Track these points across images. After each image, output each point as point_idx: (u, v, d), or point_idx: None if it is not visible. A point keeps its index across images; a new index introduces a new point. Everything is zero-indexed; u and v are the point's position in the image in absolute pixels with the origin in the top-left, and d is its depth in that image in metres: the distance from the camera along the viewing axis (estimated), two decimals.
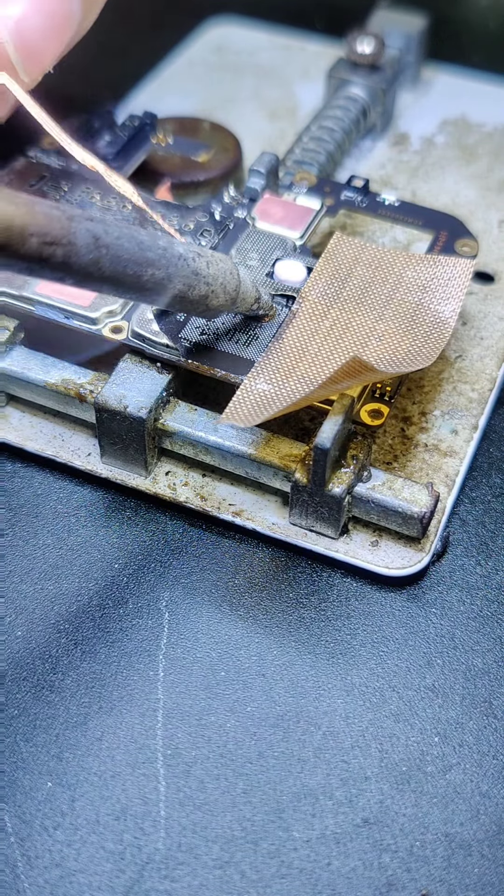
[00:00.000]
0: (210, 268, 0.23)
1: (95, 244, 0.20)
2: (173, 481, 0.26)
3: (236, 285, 0.24)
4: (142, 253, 0.21)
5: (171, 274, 0.22)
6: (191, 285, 0.22)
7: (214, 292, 0.23)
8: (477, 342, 0.28)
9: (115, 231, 0.20)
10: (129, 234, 0.21)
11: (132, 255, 0.21)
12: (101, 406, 0.24)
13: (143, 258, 0.21)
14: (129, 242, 0.21)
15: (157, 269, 0.21)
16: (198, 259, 0.22)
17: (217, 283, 0.23)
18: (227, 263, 0.23)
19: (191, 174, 0.30)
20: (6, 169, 0.28)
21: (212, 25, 0.38)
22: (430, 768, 0.22)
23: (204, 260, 0.23)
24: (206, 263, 0.23)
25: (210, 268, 0.23)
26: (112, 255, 0.20)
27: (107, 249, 0.20)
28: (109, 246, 0.20)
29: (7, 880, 0.20)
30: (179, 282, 0.22)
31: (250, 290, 0.24)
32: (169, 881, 0.20)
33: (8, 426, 0.27)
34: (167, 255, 0.22)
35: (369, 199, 0.29)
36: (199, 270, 0.22)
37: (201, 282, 0.22)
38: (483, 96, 0.36)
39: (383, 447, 0.26)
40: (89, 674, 0.23)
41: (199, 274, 0.22)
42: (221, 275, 0.23)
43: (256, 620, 0.24)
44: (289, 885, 0.20)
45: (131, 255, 0.21)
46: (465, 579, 0.25)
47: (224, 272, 0.23)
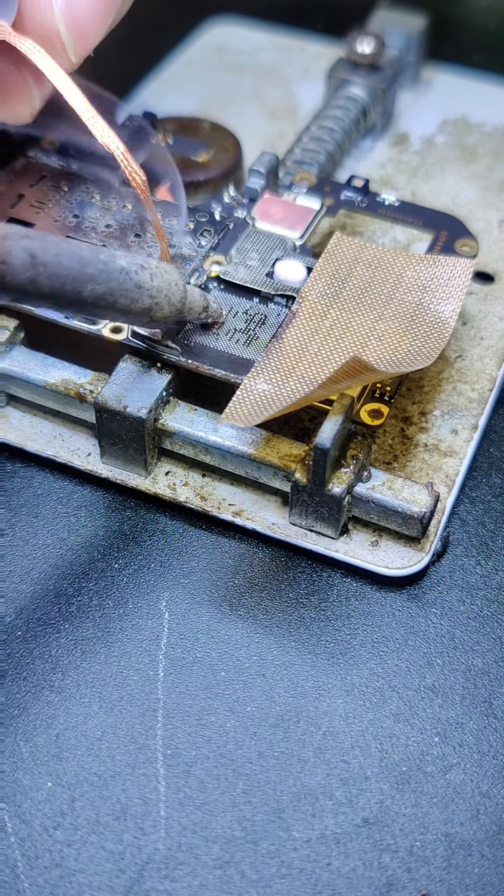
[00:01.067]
0: (154, 280, 0.23)
1: (32, 262, 0.20)
2: (173, 481, 0.26)
3: (181, 296, 0.23)
4: (81, 269, 0.21)
5: (112, 288, 0.22)
6: (133, 298, 0.22)
7: (158, 304, 0.23)
8: (477, 342, 0.28)
9: (53, 248, 0.20)
10: (68, 251, 0.21)
11: (71, 271, 0.21)
12: (101, 406, 0.24)
13: (82, 274, 0.21)
14: (69, 259, 0.20)
15: (98, 285, 0.21)
16: (141, 272, 0.22)
17: (161, 296, 0.23)
18: (172, 275, 0.23)
19: (191, 174, 0.30)
20: (6, 169, 0.28)
21: (212, 25, 0.38)
22: (430, 768, 0.22)
23: (147, 272, 0.22)
24: (149, 276, 0.22)
25: (154, 280, 0.23)
26: (50, 273, 0.20)
27: (44, 267, 0.20)
28: (47, 264, 0.20)
29: (7, 880, 0.20)
30: (121, 295, 0.22)
31: (198, 299, 0.24)
32: (169, 881, 0.20)
33: (8, 426, 0.27)
34: (108, 269, 0.21)
35: (369, 199, 0.29)
36: (141, 283, 0.22)
37: (144, 294, 0.22)
38: (483, 96, 0.36)
39: (383, 447, 0.26)
40: (89, 674, 0.23)
41: (142, 287, 0.22)
42: (166, 287, 0.23)
43: (256, 620, 0.24)
44: (289, 885, 0.20)
45: (69, 271, 0.20)
46: (465, 579, 0.25)
47: (169, 284, 0.23)
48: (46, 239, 0.20)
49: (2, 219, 0.27)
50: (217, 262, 0.27)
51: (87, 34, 0.24)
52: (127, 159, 0.24)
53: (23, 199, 0.28)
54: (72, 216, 0.27)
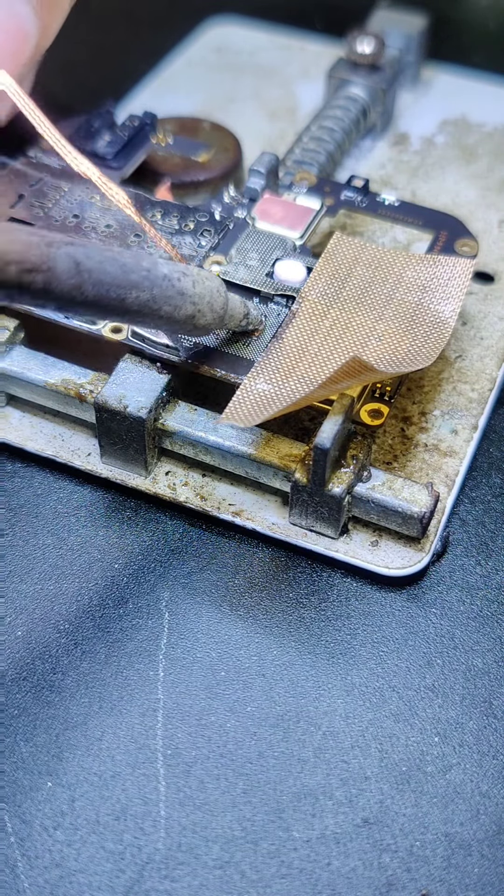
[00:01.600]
0: (196, 287, 0.22)
1: (77, 269, 0.20)
2: (173, 481, 0.26)
3: (223, 303, 0.23)
4: (125, 276, 0.21)
5: (155, 295, 0.21)
6: (177, 305, 0.22)
7: (201, 311, 0.23)
8: (477, 342, 0.28)
9: (96, 255, 0.20)
10: (111, 258, 0.21)
11: (115, 278, 0.21)
12: (101, 406, 0.24)
13: (126, 281, 0.21)
14: (112, 266, 0.20)
15: (142, 291, 0.21)
16: (183, 279, 0.22)
17: (203, 302, 0.23)
18: (213, 282, 0.23)
19: (191, 174, 0.30)
20: (6, 169, 0.28)
21: (212, 25, 0.38)
22: (430, 768, 0.22)
23: (189, 279, 0.22)
24: (191, 283, 0.22)
25: (196, 287, 0.22)
26: (94, 280, 0.20)
27: (89, 274, 0.20)
28: (91, 270, 0.20)
29: (7, 880, 0.20)
30: (165, 302, 0.22)
31: (238, 306, 0.24)
32: (169, 881, 0.20)
33: (8, 426, 0.27)
34: (151, 277, 0.21)
35: (369, 199, 0.29)
36: (184, 290, 0.22)
37: (187, 301, 0.22)
38: (483, 96, 0.36)
39: (383, 447, 0.26)
40: (89, 674, 0.23)
41: (185, 294, 0.22)
42: (208, 293, 0.23)
43: (256, 620, 0.24)
44: (289, 885, 0.20)
45: (114, 278, 0.20)
46: (465, 579, 0.25)
47: (210, 290, 0.23)
48: (90, 246, 0.20)
49: (2, 219, 0.27)
50: (217, 262, 0.27)
51: None
52: (105, 183, 0.24)
53: (23, 199, 0.28)
54: (72, 216, 0.27)
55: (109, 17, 0.39)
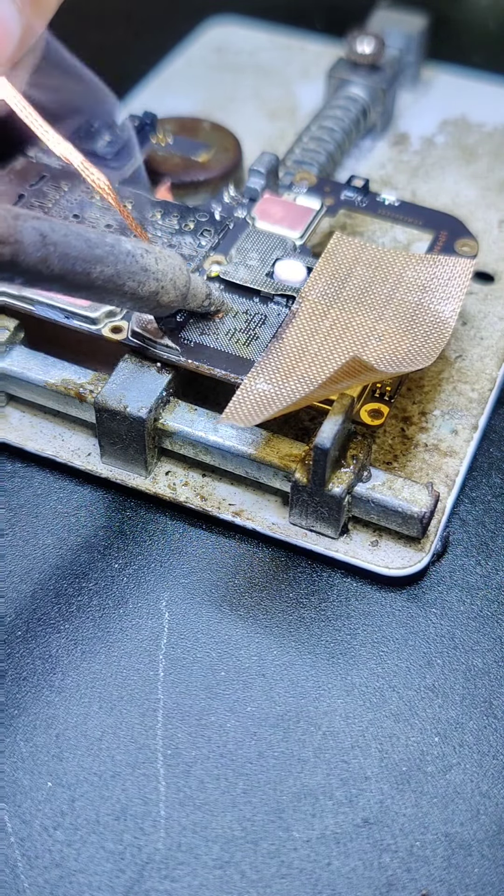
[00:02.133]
0: (159, 263, 0.23)
1: (43, 242, 0.20)
2: (173, 481, 0.26)
3: (185, 280, 0.24)
4: (90, 250, 0.21)
5: (119, 271, 0.22)
6: (140, 281, 0.22)
7: (164, 288, 0.23)
8: (477, 342, 0.28)
9: (61, 229, 0.20)
10: (76, 232, 0.21)
11: (80, 252, 0.21)
12: (101, 406, 0.24)
13: (91, 255, 0.21)
14: (77, 240, 0.21)
15: (106, 266, 0.21)
16: (146, 255, 0.23)
17: (167, 279, 0.23)
18: (175, 259, 0.23)
19: (191, 174, 0.30)
20: (6, 169, 0.28)
21: (212, 25, 0.38)
22: (430, 768, 0.22)
23: (152, 256, 0.23)
24: (154, 259, 0.23)
25: (159, 263, 0.23)
26: (60, 253, 0.20)
27: (54, 247, 0.20)
28: (57, 244, 0.20)
29: (7, 880, 0.20)
30: (129, 278, 0.22)
31: (201, 286, 0.25)
32: (169, 881, 0.20)
33: (8, 426, 0.27)
34: (115, 252, 0.22)
35: (369, 199, 0.29)
36: (147, 266, 0.22)
37: (150, 278, 0.23)
38: (483, 96, 0.36)
39: (383, 447, 0.26)
40: (89, 674, 0.23)
41: (148, 270, 0.22)
42: (171, 270, 0.23)
43: (256, 620, 0.24)
44: (289, 885, 0.20)
45: (79, 252, 0.21)
46: (465, 579, 0.25)
47: (173, 268, 0.23)
48: (54, 221, 0.21)
49: None
50: (217, 261, 0.27)
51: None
52: (87, 168, 0.24)
53: (23, 199, 0.28)
54: (72, 216, 0.27)
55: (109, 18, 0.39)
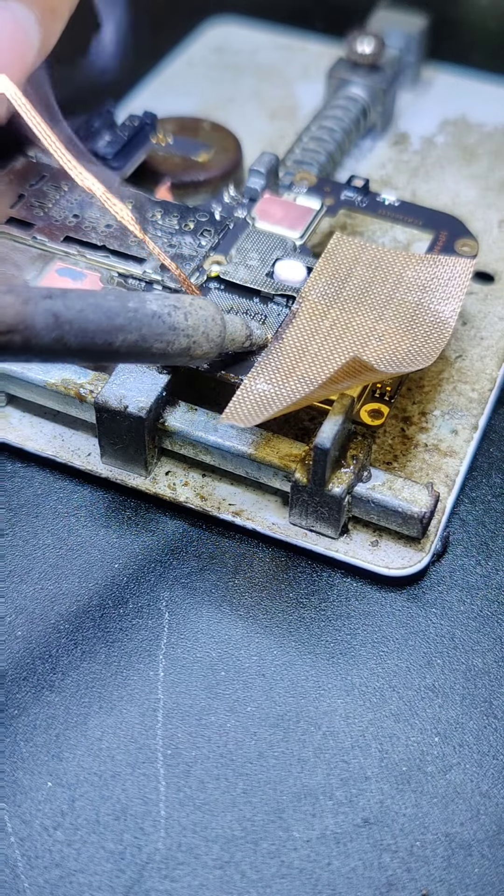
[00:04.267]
0: (189, 319, 0.22)
1: (56, 323, 0.19)
2: (173, 481, 0.26)
3: (220, 331, 0.23)
4: (109, 321, 0.20)
5: (145, 335, 0.21)
6: (169, 341, 0.21)
7: (196, 342, 0.22)
8: (477, 342, 0.28)
9: (77, 304, 0.20)
10: (93, 304, 0.20)
11: (99, 324, 0.20)
12: (101, 406, 0.24)
13: (111, 326, 0.20)
14: (95, 313, 0.20)
15: (129, 333, 0.21)
16: (174, 313, 0.22)
17: (198, 334, 0.22)
18: (208, 310, 0.22)
19: (191, 174, 0.30)
20: (6, 169, 0.28)
21: (212, 25, 0.38)
22: (430, 768, 0.22)
23: (181, 312, 0.22)
24: (183, 315, 0.22)
25: (189, 319, 0.22)
26: (77, 330, 0.19)
27: (70, 325, 0.19)
28: (72, 321, 0.19)
29: (7, 880, 0.20)
30: (156, 340, 0.21)
31: (239, 329, 0.24)
32: (169, 881, 0.20)
33: (8, 426, 0.27)
34: (139, 317, 0.21)
35: (369, 199, 0.29)
36: (175, 325, 0.22)
37: (180, 335, 0.22)
38: (483, 96, 0.36)
39: (383, 447, 0.26)
40: (89, 674, 0.23)
41: (177, 328, 0.22)
42: (202, 324, 0.22)
43: (256, 620, 0.24)
44: (289, 885, 0.20)
45: (98, 325, 0.20)
46: (465, 579, 0.25)
47: (205, 320, 0.22)
48: (69, 295, 0.20)
49: (2, 219, 0.27)
50: (217, 261, 0.27)
51: None
52: (109, 198, 0.24)
53: (23, 199, 0.28)
54: (72, 216, 0.27)
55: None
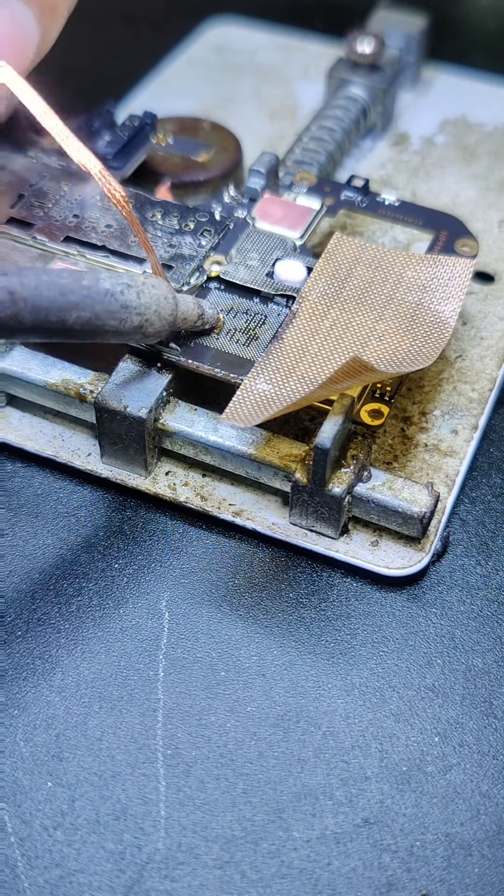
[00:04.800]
0: (141, 297, 0.22)
1: (12, 299, 0.20)
2: (173, 481, 0.26)
3: (172, 309, 0.23)
4: (63, 298, 0.21)
5: (98, 312, 0.22)
6: (122, 319, 0.22)
7: (148, 320, 0.23)
8: (477, 342, 0.28)
9: (31, 280, 0.20)
10: (48, 281, 0.20)
11: (53, 301, 0.21)
12: (101, 406, 0.24)
13: (65, 303, 0.21)
14: (49, 290, 0.20)
15: (83, 311, 0.21)
16: (127, 291, 0.22)
17: (150, 312, 0.23)
18: (160, 289, 0.23)
19: (191, 174, 0.30)
20: (6, 169, 0.28)
21: (212, 25, 0.38)
22: (430, 768, 0.22)
23: (134, 290, 0.22)
24: (136, 294, 0.22)
25: (141, 297, 0.22)
26: (31, 307, 0.20)
27: (24, 302, 0.20)
28: (27, 298, 0.20)
29: (7, 880, 0.20)
30: (109, 318, 0.22)
31: (191, 308, 0.24)
32: (169, 881, 0.20)
33: (8, 426, 0.27)
34: (92, 294, 0.21)
35: (369, 199, 0.29)
36: (128, 303, 0.22)
37: (132, 313, 0.22)
38: (483, 96, 0.36)
39: (383, 447, 0.26)
40: (89, 674, 0.23)
41: (129, 306, 0.22)
42: (154, 302, 0.23)
43: (256, 620, 0.24)
44: (289, 885, 0.20)
45: (52, 301, 0.21)
46: (465, 579, 0.25)
47: (157, 299, 0.23)
48: (24, 273, 0.20)
49: (2, 219, 0.27)
50: (217, 262, 0.27)
51: None
52: (104, 177, 0.24)
53: (23, 199, 0.28)
54: (72, 216, 0.27)
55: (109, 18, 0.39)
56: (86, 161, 0.24)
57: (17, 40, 0.25)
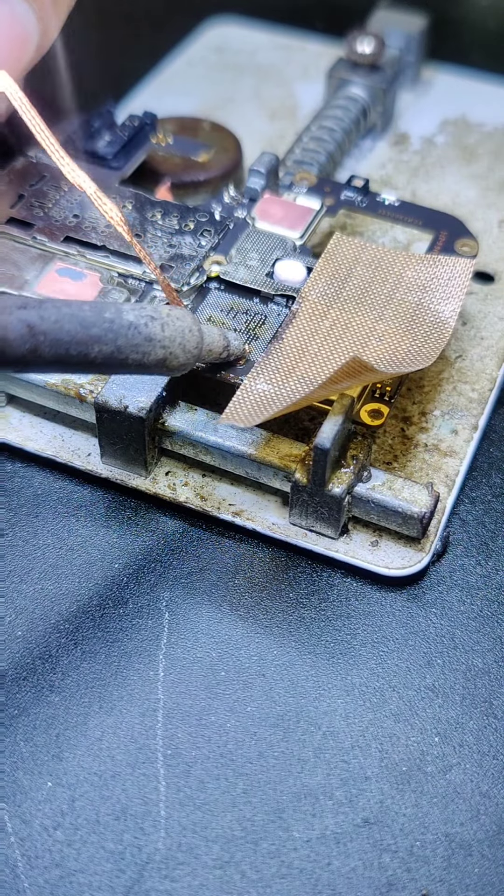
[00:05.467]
0: (165, 330, 0.22)
1: (31, 333, 0.19)
2: (173, 481, 0.26)
3: (197, 342, 0.23)
4: (85, 331, 0.20)
5: (120, 346, 0.21)
6: (145, 352, 0.21)
7: (173, 354, 0.22)
8: (477, 342, 0.28)
9: (52, 314, 0.19)
10: (69, 314, 0.20)
11: (74, 335, 0.20)
12: (101, 406, 0.25)
13: (86, 336, 0.20)
14: (70, 323, 0.20)
15: (105, 345, 0.20)
16: (151, 323, 0.21)
17: (175, 345, 0.22)
18: (185, 321, 0.22)
19: (191, 174, 0.30)
20: (6, 169, 0.28)
21: (212, 25, 0.38)
22: (430, 768, 0.22)
23: (158, 323, 0.22)
24: (160, 326, 0.22)
25: (165, 330, 0.22)
26: (51, 340, 0.19)
27: (44, 336, 0.19)
28: (47, 332, 0.19)
29: (7, 880, 0.20)
30: (132, 351, 0.21)
31: (217, 340, 0.24)
32: (169, 881, 0.20)
33: (8, 426, 0.27)
34: (114, 328, 0.21)
35: (369, 199, 0.29)
36: (152, 336, 0.21)
37: (156, 347, 0.22)
38: (483, 96, 0.36)
39: (383, 447, 0.26)
40: (89, 674, 0.23)
41: (153, 339, 0.21)
42: (179, 335, 0.22)
43: (256, 620, 0.24)
44: (289, 885, 0.20)
45: (73, 335, 0.20)
46: (465, 579, 0.25)
47: (182, 331, 0.22)
48: (45, 305, 0.20)
49: (2, 219, 0.27)
50: (217, 262, 0.27)
51: None
52: (100, 199, 0.23)
53: (23, 199, 0.28)
54: (72, 216, 0.27)
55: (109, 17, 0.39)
56: (81, 182, 0.23)
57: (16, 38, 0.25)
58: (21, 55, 0.25)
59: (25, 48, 0.25)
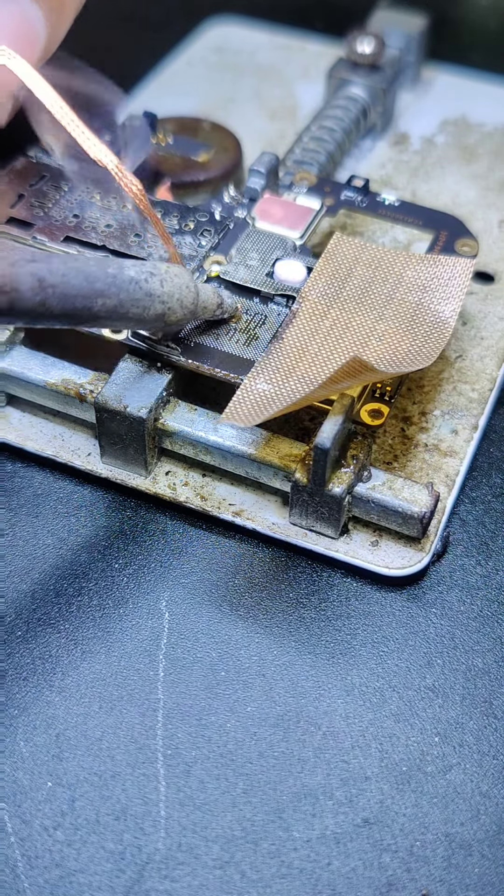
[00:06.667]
0: (164, 286, 0.23)
1: (41, 286, 0.20)
2: (173, 481, 0.26)
3: (194, 298, 0.24)
4: (90, 285, 0.21)
5: (122, 300, 0.22)
6: (145, 307, 0.22)
7: (171, 309, 0.23)
8: (477, 342, 0.28)
9: (60, 268, 0.20)
10: (75, 269, 0.21)
11: (80, 289, 0.21)
12: (101, 406, 0.24)
13: (91, 290, 0.21)
14: (76, 277, 0.21)
15: (108, 298, 0.21)
16: (151, 279, 0.22)
17: (173, 300, 0.23)
18: (182, 278, 0.23)
19: (191, 174, 0.30)
20: (6, 169, 0.28)
21: (212, 25, 0.38)
22: (430, 768, 0.22)
23: (157, 279, 0.23)
24: (159, 282, 0.23)
25: (164, 286, 0.23)
26: (59, 294, 0.20)
27: (53, 289, 0.20)
28: (56, 285, 0.20)
29: (7, 880, 0.20)
30: (133, 305, 0.22)
31: (211, 297, 0.25)
32: (169, 881, 0.20)
33: (8, 426, 0.27)
34: (117, 282, 0.22)
35: (369, 199, 0.29)
36: (152, 291, 0.22)
37: (156, 301, 0.23)
38: (483, 96, 0.36)
39: (383, 447, 0.26)
40: (89, 674, 0.23)
41: (153, 294, 0.22)
42: (177, 291, 0.23)
43: (256, 620, 0.24)
44: (289, 885, 0.20)
45: (79, 290, 0.21)
46: (465, 579, 0.25)
47: (180, 287, 0.23)
48: (53, 260, 0.20)
49: (2, 219, 0.27)
50: (217, 261, 0.27)
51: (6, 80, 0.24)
52: (121, 171, 0.24)
53: (23, 199, 0.28)
54: (72, 216, 0.27)
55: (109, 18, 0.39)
56: (102, 156, 0.24)
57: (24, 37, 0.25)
58: (29, 55, 0.25)
59: (34, 48, 0.25)
